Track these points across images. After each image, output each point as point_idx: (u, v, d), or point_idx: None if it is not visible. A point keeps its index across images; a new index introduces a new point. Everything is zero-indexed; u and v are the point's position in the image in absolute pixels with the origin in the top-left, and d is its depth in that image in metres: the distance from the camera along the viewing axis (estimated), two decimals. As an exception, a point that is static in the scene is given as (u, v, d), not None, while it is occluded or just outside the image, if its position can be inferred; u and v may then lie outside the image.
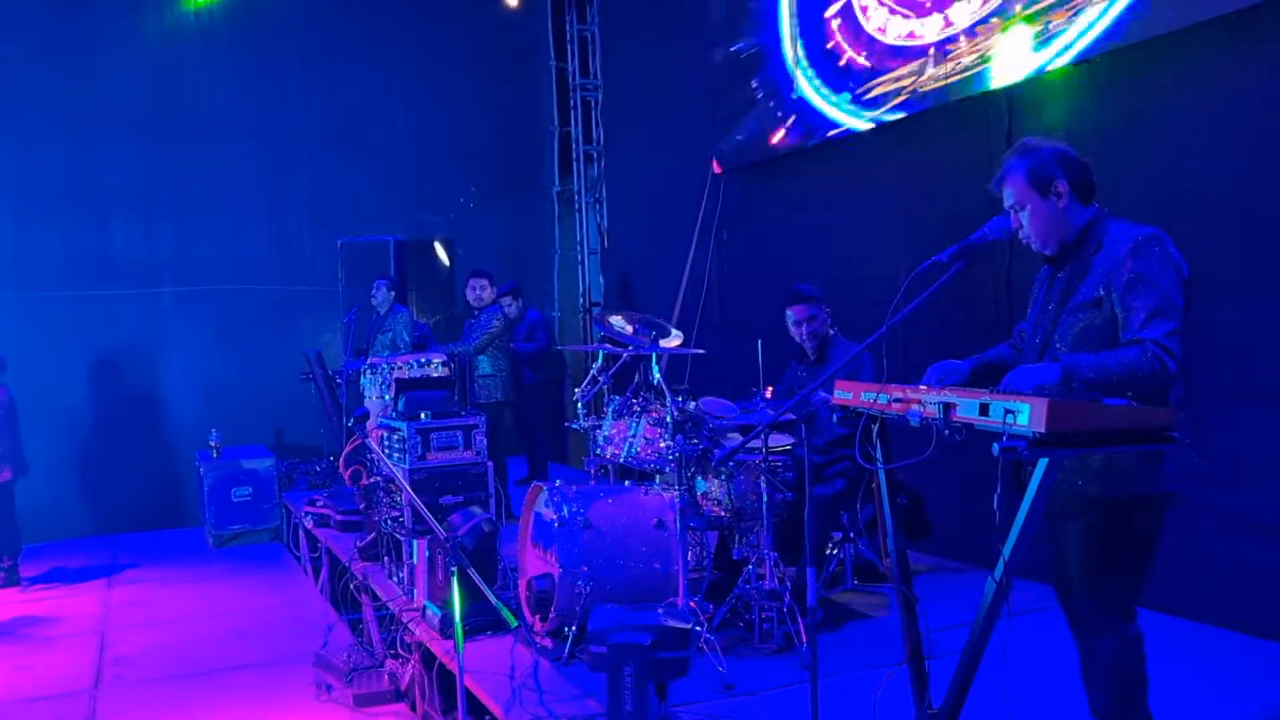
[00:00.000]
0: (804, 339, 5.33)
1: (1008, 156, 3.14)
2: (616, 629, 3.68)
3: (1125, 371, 2.76)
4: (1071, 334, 3.00)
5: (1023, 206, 3.08)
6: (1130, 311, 2.85)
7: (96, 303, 10.15)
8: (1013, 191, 3.10)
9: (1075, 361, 2.80)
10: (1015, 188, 3.09)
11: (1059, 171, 3.04)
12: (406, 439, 5.63)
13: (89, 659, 6.40)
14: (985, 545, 2.82)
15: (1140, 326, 2.82)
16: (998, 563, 2.65)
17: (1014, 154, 3.13)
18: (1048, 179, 3.04)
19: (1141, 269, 2.87)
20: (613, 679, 3.62)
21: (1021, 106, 5.69)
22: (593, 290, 11.59)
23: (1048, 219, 3.06)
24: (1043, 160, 3.06)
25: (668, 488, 4.91)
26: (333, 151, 10.97)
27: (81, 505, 9.82)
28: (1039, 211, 3.06)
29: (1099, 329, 2.94)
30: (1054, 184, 3.04)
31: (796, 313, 5.30)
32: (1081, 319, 2.98)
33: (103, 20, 10.15)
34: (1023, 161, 3.08)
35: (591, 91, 11.51)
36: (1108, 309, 2.93)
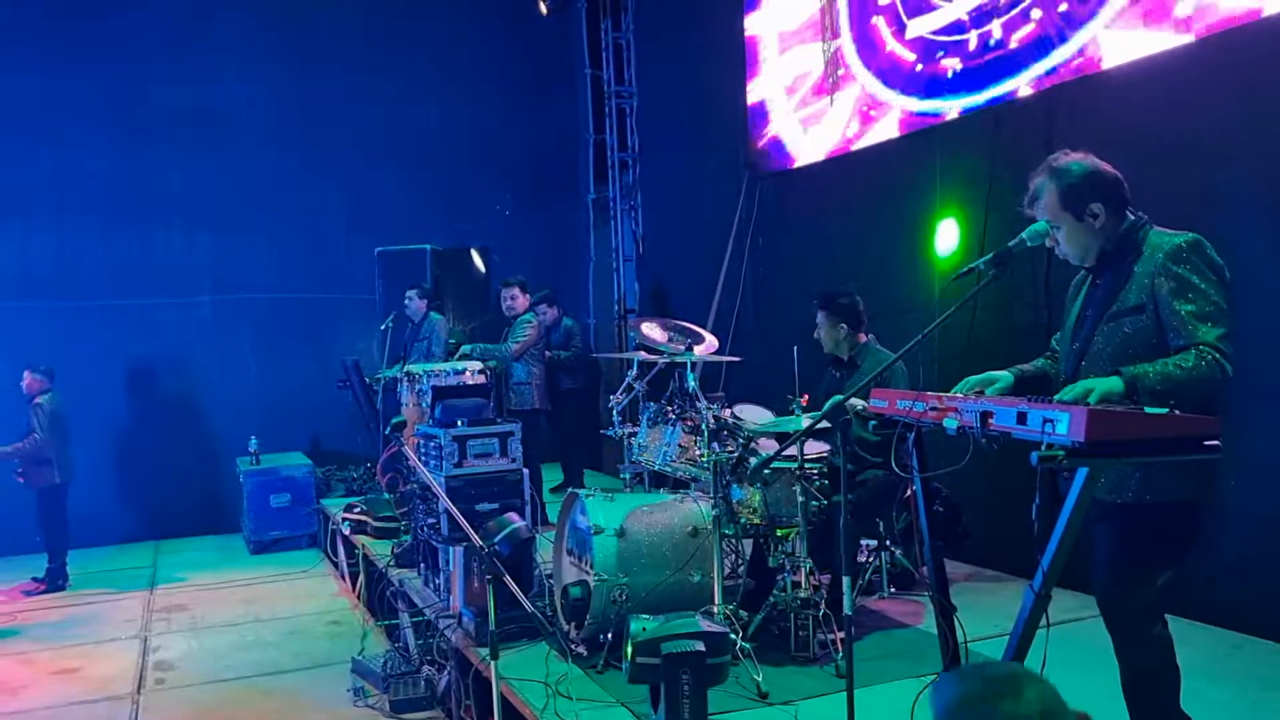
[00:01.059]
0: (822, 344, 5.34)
1: (1037, 177, 3.09)
2: (665, 638, 3.68)
3: (1186, 378, 2.72)
4: (1114, 342, 2.96)
5: (1057, 227, 3.04)
6: (1179, 318, 2.82)
7: (138, 311, 10.31)
8: (1045, 213, 3.05)
9: (1139, 372, 2.74)
10: (1047, 209, 3.05)
11: (1093, 194, 3.00)
12: (443, 446, 5.65)
13: (132, 663, 6.48)
14: (1024, 554, 2.80)
15: (1193, 332, 2.79)
16: (1036, 573, 2.62)
17: (1044, 175, 3.07)
18: (1083, 201, 3.00)
19: (1186, 275, 2.84)
20: (670, 688, 3.60)
21: (1058, 112, 5.63)
22: (628, 297, 11.60)
23: (1085, 238, 3.03)
24: (1075, 183, 3.01)
25: (703, 495, 4.90)
26: (370, 161, 11.08)
27: (124, 511, 9.96)
28: (1075, 232, 3.03)
29: (1142, 336, 2.91)
30: (1089, 207, 3.00)
31: (817, 318, 5.32)
32: (1124, 326, 2.95)
33: (144, 32, 10.31)
34: (1054, 184, 3.03)
35: (626, 99, 11.53)
36: (1150, 316, 2.89)
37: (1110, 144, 3.35)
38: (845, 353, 5.26)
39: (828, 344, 5.30)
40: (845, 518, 3.39)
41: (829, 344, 5.29)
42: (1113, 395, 2.65)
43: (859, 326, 5.25)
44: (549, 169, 11.97)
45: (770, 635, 4.71)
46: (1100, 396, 2.62)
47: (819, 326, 5.30)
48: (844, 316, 5.22)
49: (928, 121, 6.53)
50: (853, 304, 5.25)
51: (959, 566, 5.95)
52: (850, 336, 5.22)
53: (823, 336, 5.29)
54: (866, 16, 7.04)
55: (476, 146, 11.48)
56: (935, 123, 6.44)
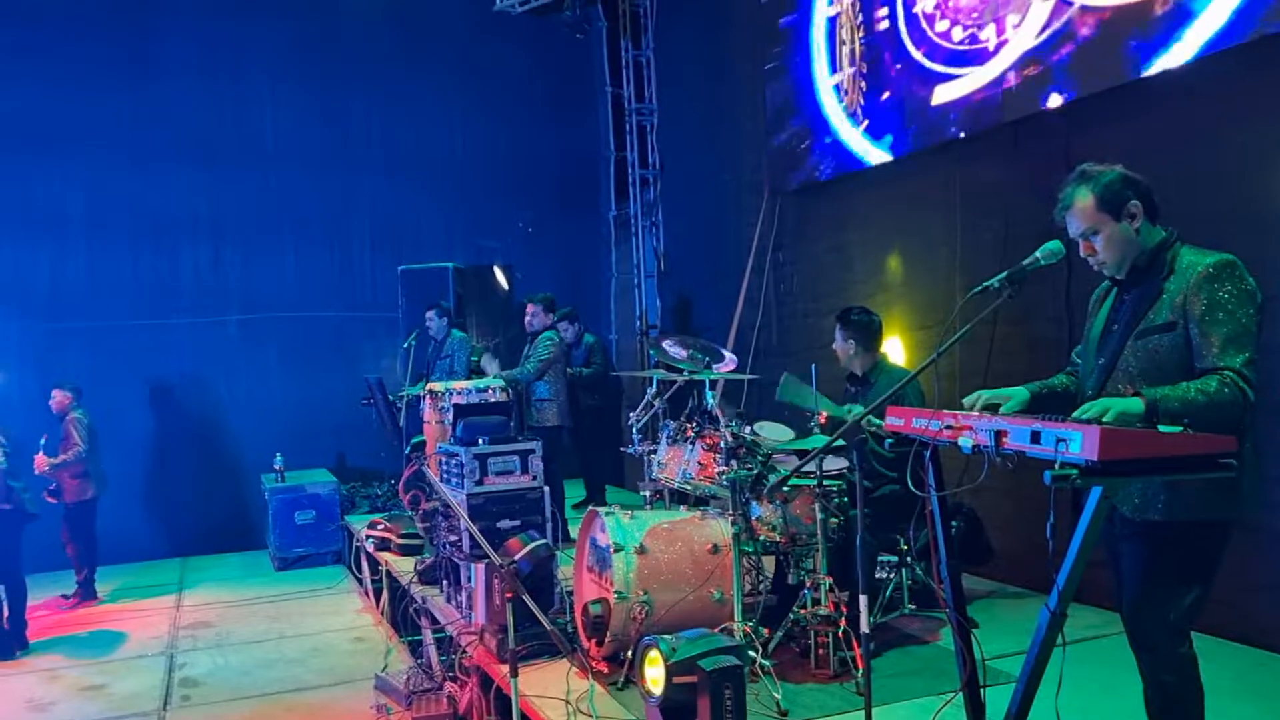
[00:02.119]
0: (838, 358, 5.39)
1: (1069, 185, 3.07)
2: (700, 655, 3.75)
3: (1207, 402, 2.72)
4: (1143, 359, 2.95)
5: (1096, 231, 3.02)
6: (1207, 339, 2.82)
7: (166, 331, 10.45)
8: (1082, 218, 3.03)
9: (1160, 395, 2.74)
10: (1084, 214, 3.03)
11: (1130, 192, 3.00)
12: (464, 464, 5.69)
13: (157, 680, 6.54)
14: (1045, 570, 2.80)
15: (1218, 355, 2.79)
16: (1051, 591, 2.62)
17: (1076, 181, 3.06)
18: (1121, 200, 2.99)
19: (1217, 296, 2.83)
20: (715, 704, 3.64)
21: (1078, 126, 5.63)
22: (649, 313, 11.61)
23: (1124, 241, 3.01)
24: (1111, 182, 3.01)
25: (722, 512, 4.91)
26: (393, 179, 11.20)
27: (151, 527, 10.07)
28: (1115, 235, 3.01)
29: (1171, 353, 2.90)
30: (1127, 205, 2.99)
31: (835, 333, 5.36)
32: (1153, 343, 2.94)
33: (173, 55, 10.48)
34: (1089, 187, 3.02)
35: (647, 116, 11.58)
36: (1180, 334, 2.89)
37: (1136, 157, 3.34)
38: (860, 369, 5.30)
39: (841, 359, 5.37)
40: (862, 535, 3.40)
41: (842, 359, 5.37)
42: (1130, 416, 2.65)
43: (872, 344, 5.28)
44: (570, 186, 12.05)
45: (791, 653, 4.71)
46: (1117, 415, 2.62)
47: (836, 342, 5.36)
48: (856, 333, 5.26)
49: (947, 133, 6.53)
50: (868, 322, 5.30)
51: (981, 583, 5.93)
52: (862, 354, 5.26)
53: (837, 352, 5.36)
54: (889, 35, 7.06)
55: (499, 165, 11.57)
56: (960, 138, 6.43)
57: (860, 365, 5.31)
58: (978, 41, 6.15)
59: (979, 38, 6.14)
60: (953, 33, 6.37)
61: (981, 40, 6.12)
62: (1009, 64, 5.91)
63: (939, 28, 6.47)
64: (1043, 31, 5.68)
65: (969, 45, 6.23)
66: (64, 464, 8.28)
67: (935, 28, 6.51)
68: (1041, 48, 5.68)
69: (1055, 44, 5.58)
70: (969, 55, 6.22)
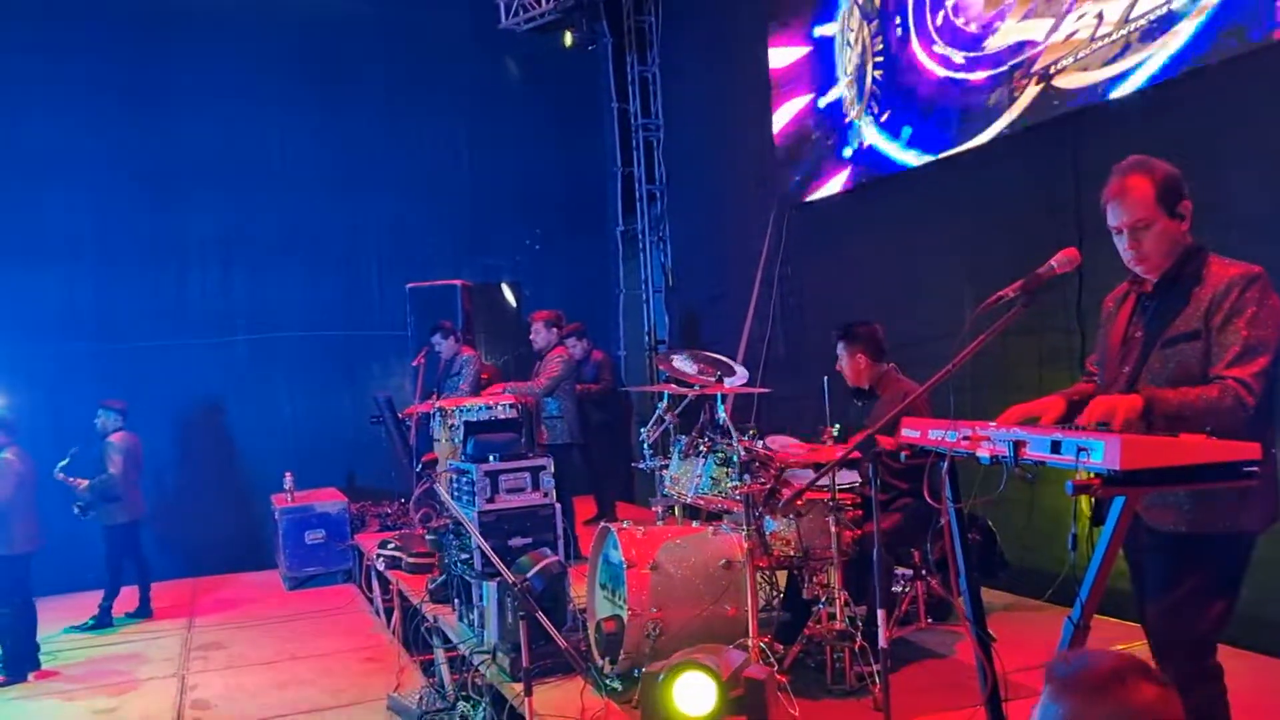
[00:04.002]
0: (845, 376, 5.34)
1: (1125, 172, 2.97)
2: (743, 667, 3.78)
3: (1205, 407, 2.71)
4: (1171, 368, 2.91)
5: (1148, 225, 2.92)
6: (1223, 348, 2.80)
7: (176, 351, 10.44)
8: (1136, 209, 2.92)
9: (1158, 394, 2.73)
10: (1141, 205, 2.92)
11: (1184, 191, 2.94)
12: (475, 481, 5.67)
13: (169, 703, 6.51)
14: (1063, 582, 2.76)
15: (1227, 364, 2.76)
16: (1074, 603, 2.59)
17: (1134, 170, 2.95)
18: (1177, 197, 2.92)
19: (1241, 307, 2.80)
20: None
21: (1086, 134, 5.61)
22: (658, 328, 11.62)
23: (1171, 240, 2.94)
24: (1170, 177, 2.93)
25: (735, 527, 4.87)
26: (400, 198, 11.22)
27: (162, 548, 10.02)
28: (1166, 232, 2.93)
29: (1198, 363, 2.86)
30: (1181, 203, 2.93)
31: (837, 349, 5.33)
32: (1181, 353, 2.90)
33: (182, 79, 10.53)
34: (1149, 177, 2.92)
35: (653, 131, 11.61)
36: (1205, 344, 2.85)
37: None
38: (866, 383, 5.25)
39: (849, 375, 5.30)
40: (878, 549, 3.37)
41: (850, 375, 5.30)
42: (1134, 414, 2.63)
43: (879, 356, 5.24)
44: (577, 203, 12.07)
45: (806, 668, 4.67)
46: (1125, 418, 2.60)
47: (840, 358, 5.30)
48: (863, 346, 5.22)
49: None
50: (872, 333, 5.25)
51: (998, 596, 5.88)
52: (869, 366, 5.22)
53: (845, 368, 5.29)
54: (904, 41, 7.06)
55: (505, 182, 11.59)
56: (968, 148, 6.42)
57: (868, 378, 5.27)
58: (986, 50, 6.15)
59: (987, 46, 6.14)
60: (962, 42, 6.36)
61: (990, 49, 6.12)
62: (1016, 72, 5.90)
63: (947, 38, 6.46)
64: (1052, 36, 5.67)
65: (977, 53, 6.22)
66: (90, 488, 8.31)
67: (943, 38, 6.51)
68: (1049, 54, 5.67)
69: (1063, 50, 5.57)
70: (977, 64, 6.21)
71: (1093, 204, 5.42)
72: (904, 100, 6.95)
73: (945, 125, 6.55)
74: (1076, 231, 5.45)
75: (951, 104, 6.50)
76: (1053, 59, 5.66)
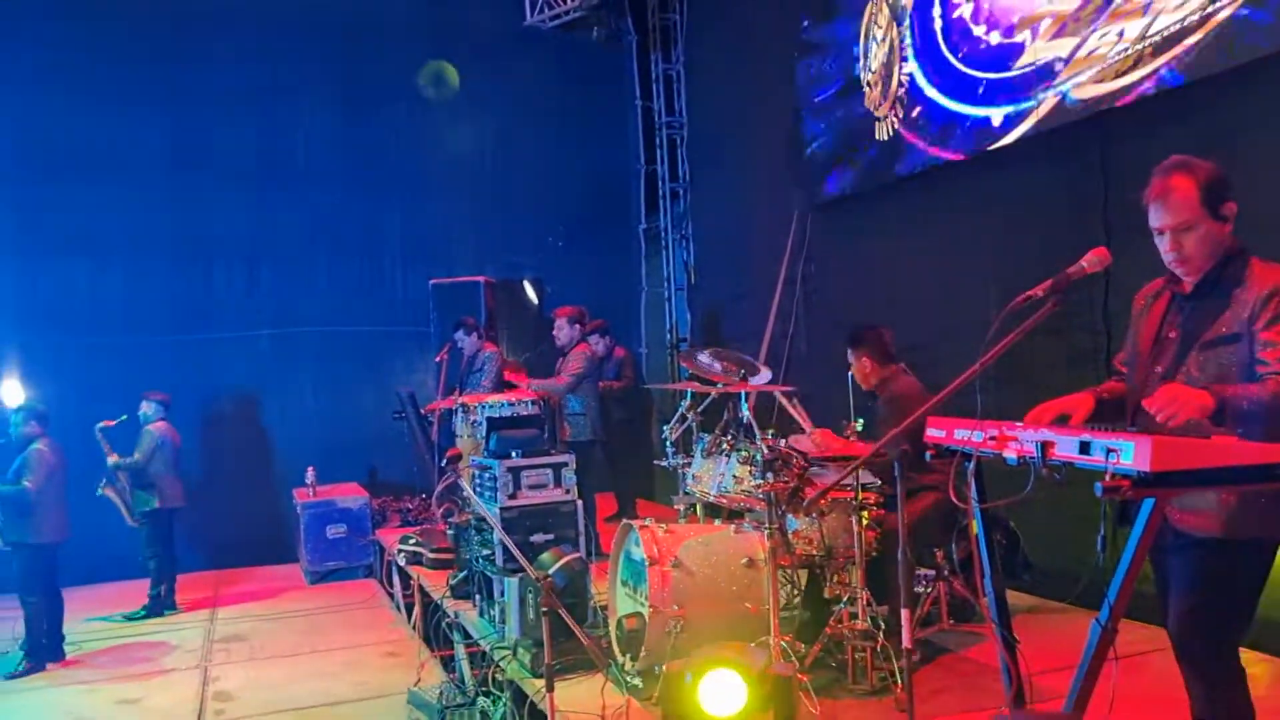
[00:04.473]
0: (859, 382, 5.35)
1: (1167, 172, 2.91)
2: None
3: (1270, 400, 2.64)
4: (1207, 370, 2.86)
5: (1190, 227, 2.87)
6: (1265, 347, 2.75)
7: (201, 346, 10.52)
8: (1180, 211, 2.87)
9: (1229, 391, 2.66)
10: (1184, 206, 2.86)
11: (1229, 192, 2.88)
12: (498, 477, 5.68)
13: (192, 693, 6.56)
14: (1088, 585, 2.74)
15: (1271, 362, 2.71)
16: (1102, 605, 2.56)
17: (1176, 170, 2.90)
18: (1221, 198, 2.87)
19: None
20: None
21: (1114, 134, 5.57)
22: (679, 326, 11.61)
23: (1214, 242, 2.88)
24: (1215, 176, 2.87)
25: (758, 526, 4.86)
26: (424, 195, 11.26)
27: (186, 541, 10.09)
28: (1209, 234, 2.87)
29: (1237, 366, 2.81)
30: (1225, 204, 2.87)
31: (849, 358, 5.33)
32: (1221, 356, 2.85)
33: (208, 78, 10.60)
34: (1192, 178, 2.87)
35: (677, 129, 11.60)
36: (1245, 346, 2.80)
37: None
38: (874, 385, 5.25)
39: (861, 381, 5.31)
40: (903, 548, 3.35)
41: (860, 378, 5.30)
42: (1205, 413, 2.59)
43: (885, 359, 5.22)
44: (601, 200, 12.07)
45: (827, 667, 4.66)
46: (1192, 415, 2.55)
47: (851, 365, 5.29)
48: (868, 349, 5.22)
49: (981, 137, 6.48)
50: (877, 336, 5.25)
51: (1021, 598, 5.84)
52: (876, 369, 5.21)
53: (856, 375, 5.30)
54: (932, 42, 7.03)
55: (529, 179, 11.60)
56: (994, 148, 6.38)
57: (874, 380, 5.26)
58: (1014, 48, 6.10)
59: (1015, 44, 6.10)
60: (989, 38, 6.32)
61: (1017, 46, 6.07)
62: (1044, 71, 5.86)
63: (976, 33, 6.42)
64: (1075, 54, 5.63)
65: (1004, 53, 6.18)
66: (122, 465, 8.42)
67: (971, 34, 6.47)
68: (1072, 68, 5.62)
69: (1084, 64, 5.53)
70: (1004, 63, 6.17)
71: (1121, 204, 5.41)
72: (930, 102, 6.91)
73: (970, 128, 6.51)
74: (1104, 232, 5.42)
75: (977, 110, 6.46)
76: (1074, 72, 5.63)
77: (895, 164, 7.35)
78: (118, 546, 9.05)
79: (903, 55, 7.18)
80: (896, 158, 7.32)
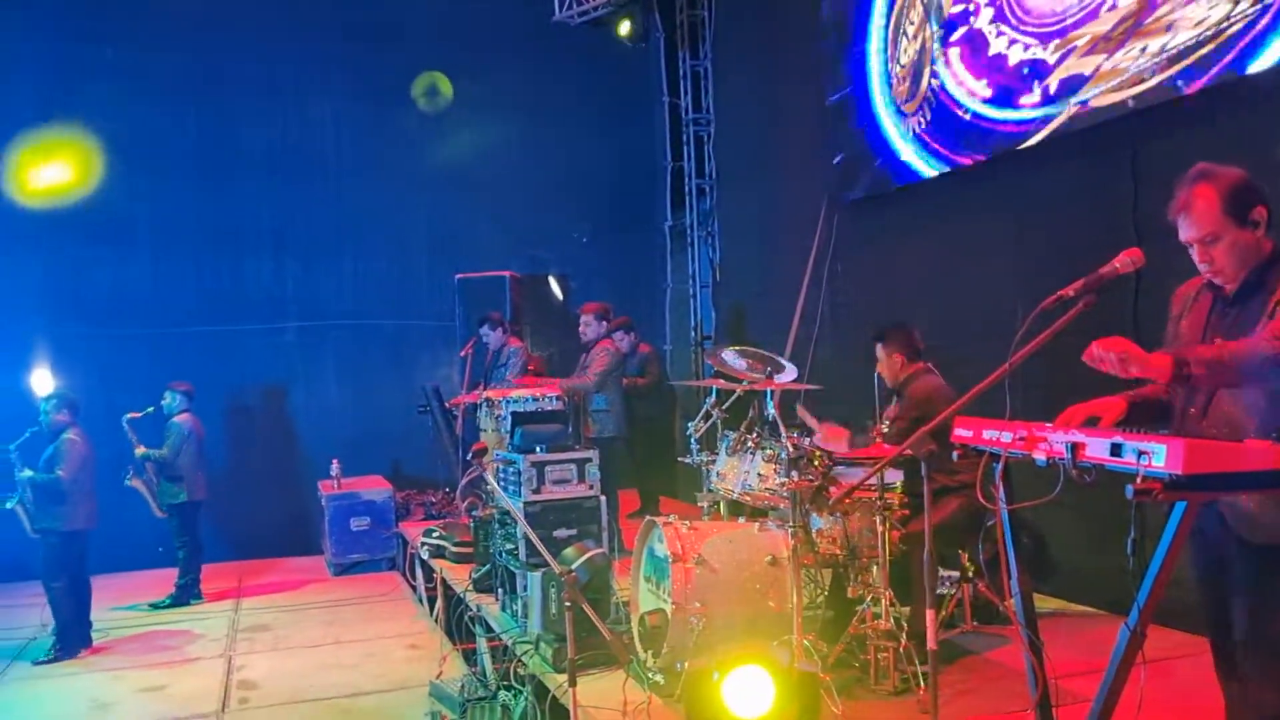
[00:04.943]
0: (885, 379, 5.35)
1: (1188, 184, 2.87)
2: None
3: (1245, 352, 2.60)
4: None
5: (1216, 237, 2.82)
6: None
7: (227, 338, 10.59)
8: (1203, 223, 2.83)
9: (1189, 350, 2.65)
10: (1207, 218, 2.82)
11: (1256, 197, 2.83)
12: (522, 472, 5.69)
13: (216, 682, 6.61)
14: (1113, 588, 2.72)
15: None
16: (1131, 609, 2.54)
17: (1198, 181, 2.86)
18: (1247, 205, 2.81)
19: None
20: None
21: (1147, 135, 5.51)
22: (704, 324, 11.60)
23: (1245, 250, 2.83)
24: (1238, 185, 2.82)
25: (781, 524, 4.85)
26: (451, 190, 11.28)
27: (211, 531, 10.18)
28: (1238, 242, 2.82)
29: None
30: (1253, 210, 2.81)
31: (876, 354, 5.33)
32: None
33: (235, 71, 10.68)
34: (1214, 187, 2.82)
35: (703, 126, 11.58)
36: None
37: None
38: (898, 383, 5.23)
39: (888, 376, 5.29)
40: (928, 548, 3.34)
41: (888, 375, 5.28)
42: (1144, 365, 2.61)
43: (915, 356, 5.21)
44: (627, 196, 12.07)
45: (850, 667, 4.64)
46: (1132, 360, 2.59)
47: (879, 360, 5.27)
48: (899, 346, 5.20)
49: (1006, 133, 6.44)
50: (907, 334, 5.24)
51: (1044, 601, 5.81)
52: (906, 366, 5.20)
53: (883, 369, 5.29)
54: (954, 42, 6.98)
55: (555, 175, 11.61)
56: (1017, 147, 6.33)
57: (902, 377, 5.24)
58: (1045, 66, 6.06)
59: (1044, 61, 6.05)
60: (1025, 52, 6.28)
61: (1045, 48, 6.03)
62: (1073, 81, 5.81)
63: (1005, 35, 6.37)
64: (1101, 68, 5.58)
65: (1033, 54, 6.13)
66: (150, 456, 8.52)
67: (999, 37, 6.43)
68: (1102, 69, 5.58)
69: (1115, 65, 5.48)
70: (1037, 74, 6.12)
71: (1152, 204, 5.35)
72: (960, 105, 6.86)
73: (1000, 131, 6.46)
74: (1134, 233, 5.37)
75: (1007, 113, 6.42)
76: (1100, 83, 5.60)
77: (921, 165, 7.30)
78: (144, 535, 9.15)
79: (933, 57, 7.13)
80: (922, 159, 7.28)
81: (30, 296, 10.03)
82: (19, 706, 6.32)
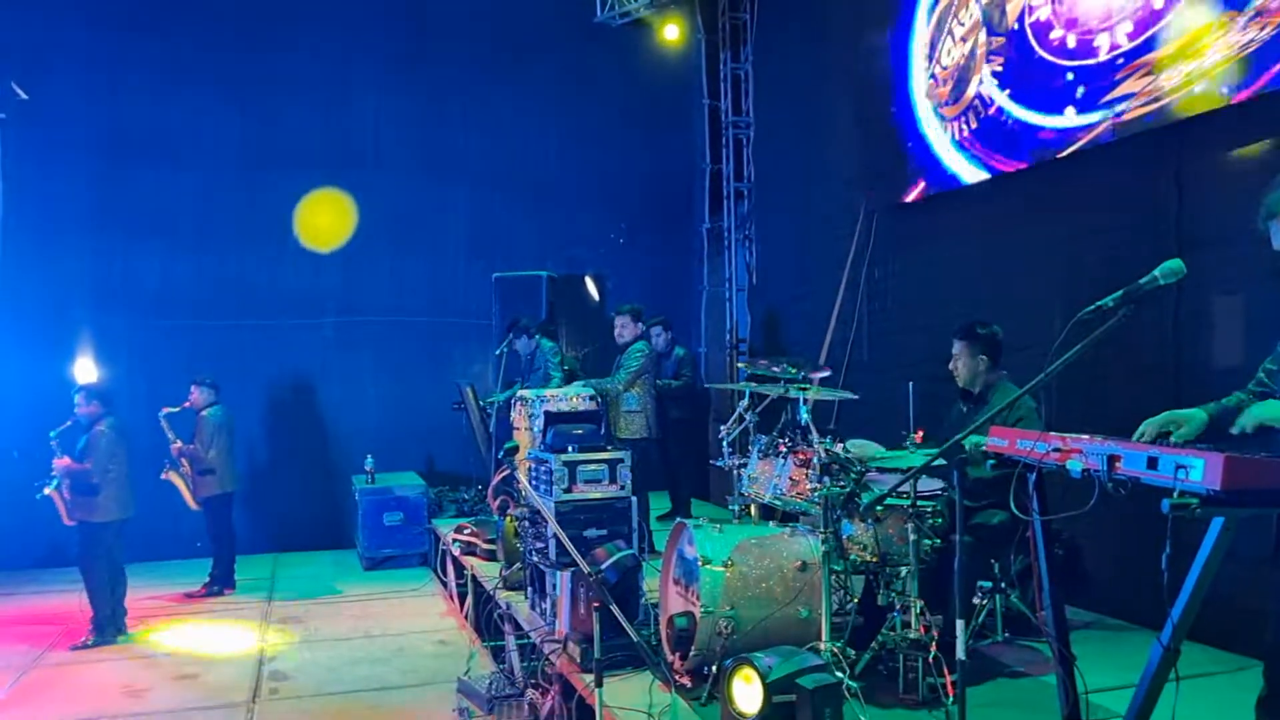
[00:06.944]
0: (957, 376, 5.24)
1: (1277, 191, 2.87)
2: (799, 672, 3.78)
3: None
4: None
5: None
6: None
7: (266, 331, 10.70)
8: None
9: None
10: None
11: None
12: (554, 471, 5.70)
13: (248, 672, 6.68)
14: (1148, 602, 2.69)
15: None
16: (1165, 625, 2.51)
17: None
18: None
19: None
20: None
21: (1191, 145, 5.44)
22: (740, 327, 11.56)
23: None
24: None
25: (812, 530, 4.83)
26: (490, 189, 11.35)
27: (246, 523, 10.29)
28: None
29: None
30: None
31: (953, 348, 5.22)
32: None
33: (281, 68, 10.78)
34: None
35: (743, 129, 11.55)
36: None
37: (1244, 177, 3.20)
38: (977, 386, 5.16)
39: (964, 376, 5.20)
40: (961, 559, 3.30)
41: (965, 376, 5.19)
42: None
43: (998, 360, 5.14)
44: (665, 198, 12.07)
45: (878, 675, 4.61)
46: None
47: (956, 357, 5.20)
48: (985, 347, 5.13)
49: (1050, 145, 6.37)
50: (994, 335, 5.15)
51: (1078, 614, 5.73)
52: (986, 371, 5.13)
53: (960, 368, 5.19)
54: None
55: (594, 175, 11.64)
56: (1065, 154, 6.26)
57: (982, 382, 5.18)
58: (1090, 54, 5.99)
59: (1091, 49, 5.98)
60: (1065, 42, 6.21)
61: (1094, 51, 5.96)
62: (1120, 78, 5.74)
63: (1052, 37, 6.30)
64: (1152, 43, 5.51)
65: (1080, 60, 6.07)
66: (185, 452, 8.62)
67: (1047, 40, 6.36)
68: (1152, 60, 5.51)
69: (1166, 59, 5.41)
70: (1078, 70, 6.06)
71: (1194, 214, 5.29)
72: (1005, 112, 6.80)
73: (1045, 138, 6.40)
74: (1175, 243, 5.30)
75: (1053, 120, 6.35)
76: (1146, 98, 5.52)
77: (962, 171, 7.24)
78: (179, 525, 9.27)
79: (985, 59, 7.06)
80: (963, 165, 7.22)
81: (78, 288, 10.19)
82: (54, 691, 6.41)
